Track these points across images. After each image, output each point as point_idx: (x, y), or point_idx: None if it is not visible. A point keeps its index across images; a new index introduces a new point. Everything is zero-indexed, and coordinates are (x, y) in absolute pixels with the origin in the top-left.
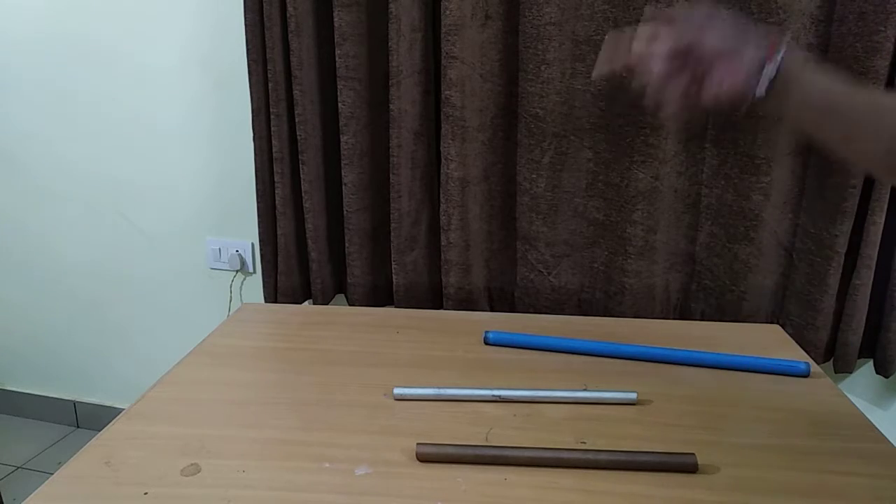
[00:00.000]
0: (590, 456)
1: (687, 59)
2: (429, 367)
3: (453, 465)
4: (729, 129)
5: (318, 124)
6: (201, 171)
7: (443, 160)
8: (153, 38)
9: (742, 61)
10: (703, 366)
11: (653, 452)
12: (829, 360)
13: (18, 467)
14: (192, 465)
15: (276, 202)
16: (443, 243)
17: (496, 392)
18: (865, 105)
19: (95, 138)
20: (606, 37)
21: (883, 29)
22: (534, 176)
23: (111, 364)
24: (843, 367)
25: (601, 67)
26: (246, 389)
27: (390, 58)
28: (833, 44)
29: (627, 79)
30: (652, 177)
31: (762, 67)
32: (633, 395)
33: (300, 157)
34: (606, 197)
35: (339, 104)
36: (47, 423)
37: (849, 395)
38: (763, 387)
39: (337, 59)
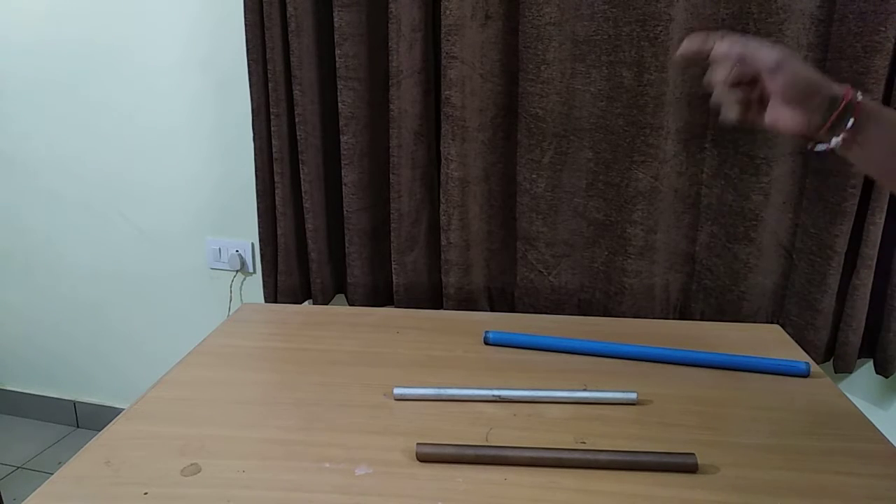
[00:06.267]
0: (590, 456)
1: (753, 79)
2: (429, 367)
3: (453, 465)
4: (729, 130)
5: (318, 124)
6: (201, 171)
7: (443, 160)
8: (153, 38)
9: (808, 106)
10: (703, 366)
11: (653, 452)
12: (829, 360)
13: (18, 467)
14: (192, 465)
15: (276, 202)
16: (443, 243)
17: (496, 392)
18: None
19: (96, 138)
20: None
21: (883, 29)
22: (534, 176)
23: (111, 364)
24: (843, 367)
25: (687, 48)
26: (246, 389)
27: (390, 58)
28: (833, 44)
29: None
30: (652, 177)
31: (841, 106)
32: (633, 395)
33: (300, 157)
34: (606, 197)
35: (339, 104)
36: (47, 423)
37: (849, 395)
38: (763, 387)
39: (337, 59)
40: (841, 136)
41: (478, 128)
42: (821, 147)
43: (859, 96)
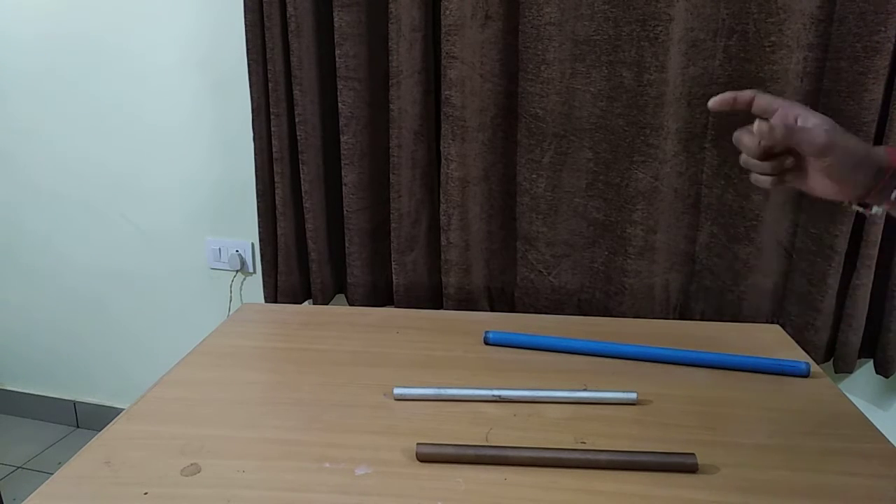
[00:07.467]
0: (590, 456)
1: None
2: (429, 367)
3: (453, 465)
4: (729, 129)
5: (318, 124)
6: (201, 171)
7: (443, 160)
8: (153, 38)
9: (852, 181)
10: (703, 366)
11: (653, 452)
12: (829, 360)
13: (18, 467)
14: (192, 465)
15: (276, 202)
16: (443, 243)
17: (496, 392)
18: None
19: (96, 138)
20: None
21: (883, 29)
22: (534, 176)
23: (111, 364)
24: (843, 367)
25: (724, 98)
26: (246, 389)
27: (390, 58)
28: (833, 44)
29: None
30: (652, 177)
31: (887, 178)
32: (633, 395)
33: (300, 157)
34: (606, 197)
35: (339, 104)
36: (47, 423)
37: (849, 395)
38: (763, 387)
39: (337, 59)
40: (885, 204)
41: (478, 128)
42: (859, 209)
43: None
